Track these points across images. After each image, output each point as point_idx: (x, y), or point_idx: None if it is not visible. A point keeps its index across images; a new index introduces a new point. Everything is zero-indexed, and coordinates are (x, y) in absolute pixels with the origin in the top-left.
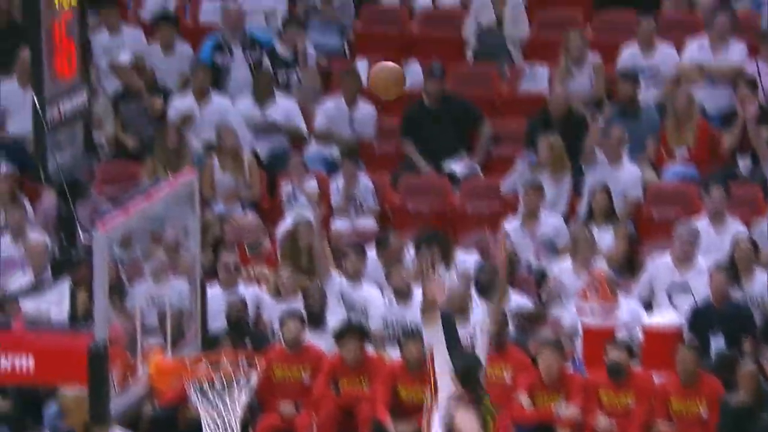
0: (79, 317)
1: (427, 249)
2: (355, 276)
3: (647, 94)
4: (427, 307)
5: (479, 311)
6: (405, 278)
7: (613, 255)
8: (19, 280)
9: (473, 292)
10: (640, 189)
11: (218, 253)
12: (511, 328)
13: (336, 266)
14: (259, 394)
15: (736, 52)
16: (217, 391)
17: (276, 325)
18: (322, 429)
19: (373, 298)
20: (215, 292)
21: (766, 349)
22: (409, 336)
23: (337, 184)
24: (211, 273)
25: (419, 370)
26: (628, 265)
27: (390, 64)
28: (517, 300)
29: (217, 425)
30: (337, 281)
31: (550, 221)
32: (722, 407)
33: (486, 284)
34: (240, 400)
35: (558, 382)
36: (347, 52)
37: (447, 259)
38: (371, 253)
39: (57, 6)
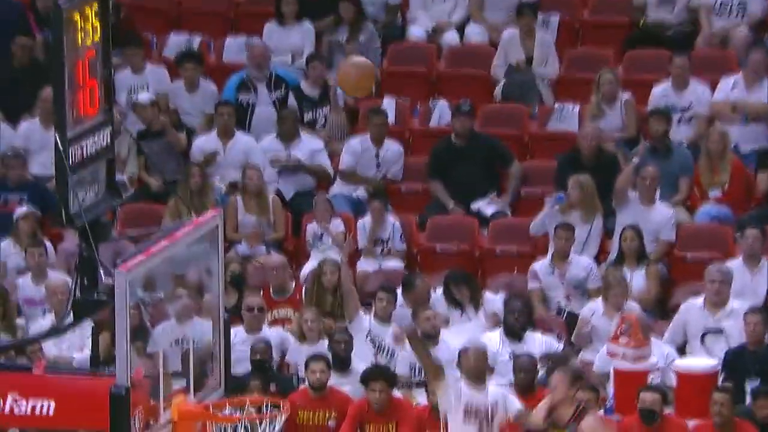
0: (101, 360)
1: (456, 289)
2: (384, 317)
3: (679, 133)
4: (432, 377)
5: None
6: (432, 320)
7: (645, 297)
8: (40, 322)
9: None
10: (673, 230)
11: (242, 295)
12: (540, 370)
13: (363, 307)
14: None
15: None
16: None
17: (301, 369)
18: None
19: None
20: (240, 335)
21: None
22: None
23: (363, 225)
24: (235, 314)
25: None
26: (661, 308)
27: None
28: (546, 342)
29: None
30: (365, 321)
31: (581, 262)
32: None
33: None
34: None
35: None
36: (374, 90)
37: (475, 300)
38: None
39: (80, 44)
